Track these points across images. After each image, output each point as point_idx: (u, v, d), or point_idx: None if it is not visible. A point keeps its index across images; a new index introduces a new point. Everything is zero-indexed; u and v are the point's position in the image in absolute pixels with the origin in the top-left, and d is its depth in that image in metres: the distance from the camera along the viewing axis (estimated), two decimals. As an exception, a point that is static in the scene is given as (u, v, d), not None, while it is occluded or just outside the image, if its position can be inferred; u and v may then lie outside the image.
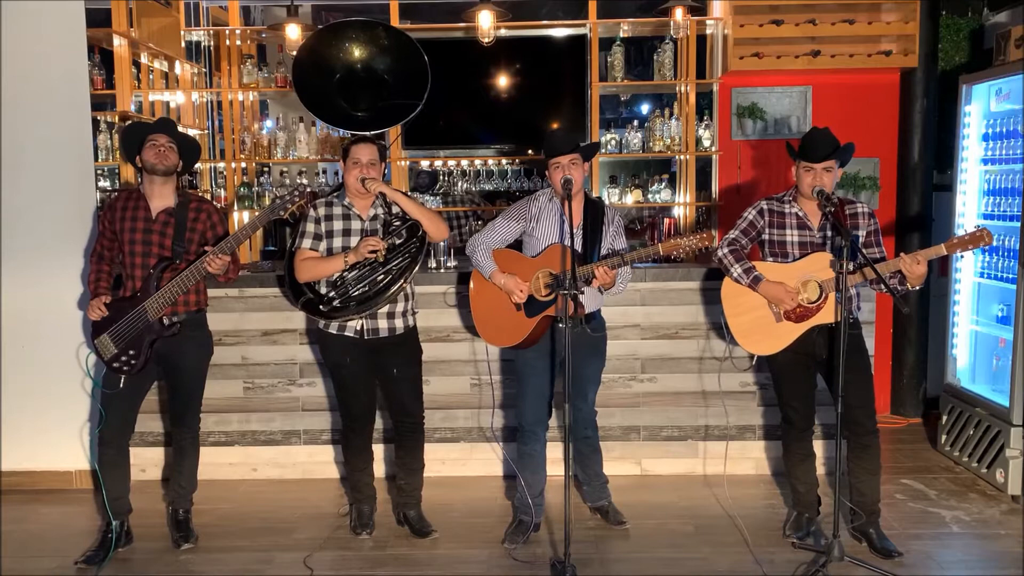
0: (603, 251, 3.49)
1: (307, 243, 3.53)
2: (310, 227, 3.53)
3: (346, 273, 3.48)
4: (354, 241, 3.48)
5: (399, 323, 3.58)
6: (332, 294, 3.49)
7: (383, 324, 3.54)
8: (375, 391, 3.66)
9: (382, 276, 3.48)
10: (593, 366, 3.64)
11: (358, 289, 3.48)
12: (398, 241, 3.52)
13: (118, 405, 3.46)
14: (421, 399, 3.72)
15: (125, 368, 3.40)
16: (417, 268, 3.54)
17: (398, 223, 3.54)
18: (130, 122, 4.65)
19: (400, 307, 3.57)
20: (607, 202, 5.14)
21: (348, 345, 3.54)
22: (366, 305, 3.47)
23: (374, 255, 3.41)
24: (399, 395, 3.64)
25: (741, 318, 3.49)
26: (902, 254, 3.22)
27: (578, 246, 3.43)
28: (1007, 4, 5.13)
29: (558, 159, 3.40)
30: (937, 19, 5.17)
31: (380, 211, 3.54)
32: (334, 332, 3.54)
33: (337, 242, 3.51)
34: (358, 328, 3.52)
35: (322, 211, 3.54)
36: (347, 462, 3.73)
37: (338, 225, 3.52)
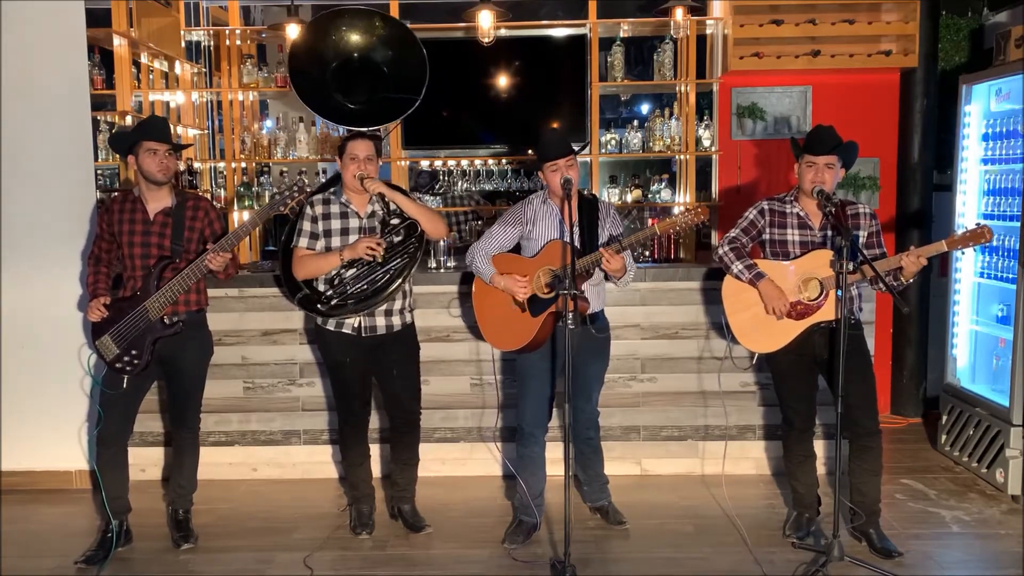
0: (601, 243, 3.48)
1: (304, 242, 3.52)
2: (306, 225, 3.53)
3: (344, 272, 3.47)
4: (352, 240, 3.48)
5: (396, 320, 3.58)
6: (330, 292, 3.49)
7: (380, 322, 3.54)
8: (371, 387, 3.66)
9: (380, 275, 3.48)
10: (597, 366, 3.64)
11: (356, 288, 3.47)
12: (397, 239, 3.52)
13: (117, 406, 3.46)
14: (418, 396, 3.72)
15: (128, 368, 3.40)
16: (416, 267, 3.54)
17: (396, 221, 3.53)
18: (116, 129, 4.64)
19: (397, 304, 3.57)
20: (604, 199, 5.13)
21: (346, 343, 3.54)
22: (364, 304, 3.47)
23: (372, 256, 3.41)
24: (396, 392, 3.65)
25: (741, 315, 3.49)
26: (903, 254, 3.22)
27: (577, 243, 3.43)
28: (1007, 4, 5.13)
29: (556, 162, 3.40)
30: (937, 19, 5.17)
31: (378, 208, 3.54)
32: (332, 329, 3.54)
33: (336, 241, 3.51)
34: (355, 325, 3.52)
35: (319, 209, 3.53)
36: (344, 458, 3.73)
37: (336, 224, 3.51)
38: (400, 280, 3.50)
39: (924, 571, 3.31)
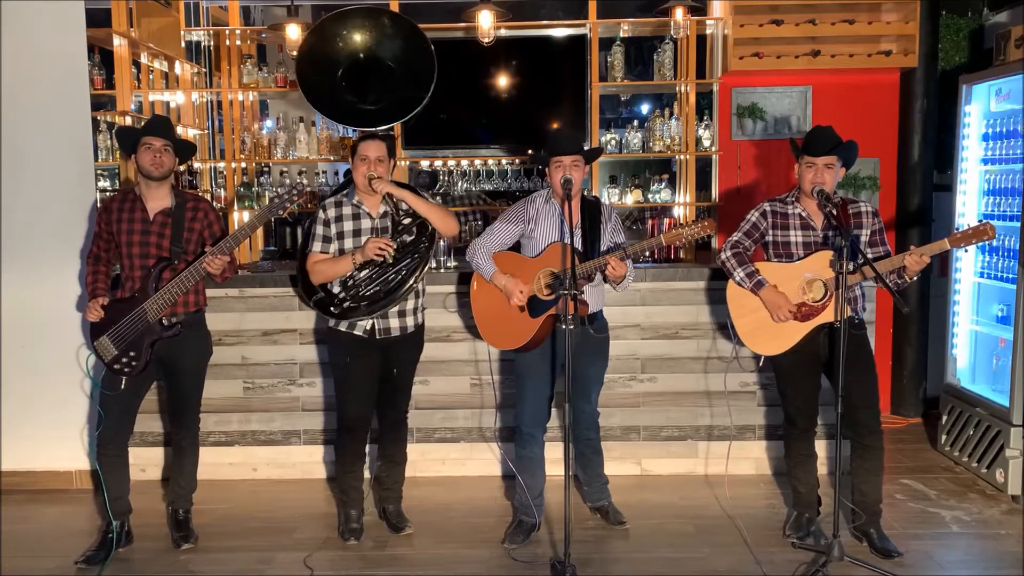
0: (603, 247, 3.49)
1: (317, 246, 3.52)
2: (319, 230, 3.53)
3: (357, 273, 3.47)
4: (364, 241, 3.48)
5: (410, 321, 3.58)
6: (344, 295, 3.48)
7: (395, 323, 3.54)
8: (376, 393, 3.64)
9: (393, 275, 3.48)
10: (596, 367, 3.64)
11: (370, 289, 3.47)
12: (408, 239, 3.52)
13: (117, 407, 3.46)
14: (409, 395, 3.74)
15: (126, 370, 3.40)
16: (427, 265, 3.55)
17: (407, 221, 3.53)
18: (121, 125, 4.64)
19: (411, 304, 3.57)
20: (606, 201, 5.14)
21: (356, 344, 3.53)
22: (378, 305, 3.47)
23: (382, 256, 3.40)
24: (393, 391, 3.65)
25: (746, 318, 3.49)
26: (905, 253, 3.22)
27: (578, 244, 3.43)
28: (1007, 4, 5.13)
29: (561, 158, 3.40)
30: (937, 19, 5.17)
31: (390, 208, 3.54)
32: (343, 330, 3.54)
33: (348, 243, 3.50)
34: (368, 328, 3.51)
35: (332, 212, 3.53)
36: (339, 462, 3.69)
37: (348, 226, 3.51)
38: (412, 280, 3.50)
39: (924, 571, 3.31)
